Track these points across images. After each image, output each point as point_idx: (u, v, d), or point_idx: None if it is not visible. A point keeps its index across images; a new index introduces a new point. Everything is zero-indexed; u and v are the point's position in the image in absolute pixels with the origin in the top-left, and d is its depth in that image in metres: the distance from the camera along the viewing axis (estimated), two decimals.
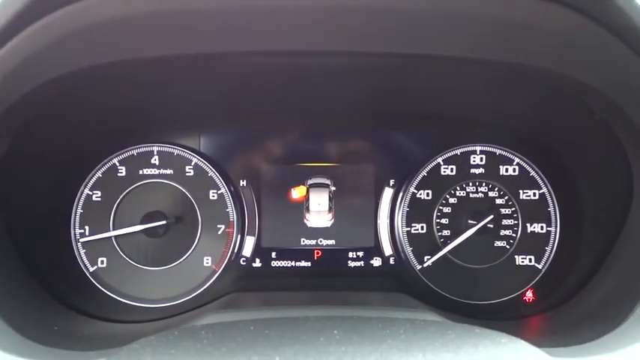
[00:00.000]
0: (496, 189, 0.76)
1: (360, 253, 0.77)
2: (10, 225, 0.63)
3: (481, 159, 0.76)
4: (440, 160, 0.76)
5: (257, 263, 0.77)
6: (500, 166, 0.76)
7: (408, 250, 0.76)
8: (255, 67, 0.60)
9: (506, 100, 0.69)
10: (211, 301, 0.74)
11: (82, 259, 0.75)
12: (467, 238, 0.75)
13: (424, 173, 0.76)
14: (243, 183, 0.76)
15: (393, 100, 0.72)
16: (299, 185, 0.77)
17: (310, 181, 0.77)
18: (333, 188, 0.77)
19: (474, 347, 0.38)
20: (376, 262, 0.77)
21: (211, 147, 0.76)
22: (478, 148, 0.76)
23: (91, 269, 0.75)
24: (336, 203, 0.77)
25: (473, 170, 0.76)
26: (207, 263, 0.76)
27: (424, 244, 0.76)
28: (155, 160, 0.75)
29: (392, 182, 0.77)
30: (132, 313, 0.74)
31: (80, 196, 0.75)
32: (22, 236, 0.65)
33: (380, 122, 0.77)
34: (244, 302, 0.71)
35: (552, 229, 0.75)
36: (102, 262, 0.75)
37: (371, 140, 0.77)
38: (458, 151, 0.76)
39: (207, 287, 0.76)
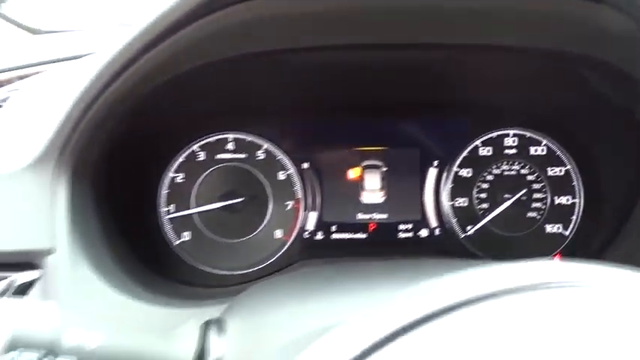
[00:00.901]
0: (527, 167, 0.87)
1: (409, 226, 0.88)
2: (112, 204, 0.73)
3: (514, 141, 0.88)
4: (478, 142, 0.87)
5: (319, 236, 0.87)
6: (531, 147, 0.87)
7: (453, 221, 0.87)
8: (342, 62, 0.71)
9: (537, 89, 0.80)
10: (281, 269, 0.85)
11: (168, 234, 0.85)
12: (503, 210, 0.86)
13: (465, 154, 0.87)
14: (306, 165, 0.87)
15: (439, 89, 0.83)
16: (355, 167, 0.88)
17: (365, 163, 0.88)
18: (385, 169, 0.88)
19: None
20: (423, 233, 0.88)
21: (280, 134, 0.86)
22: (511, 132, 0.87)
23: (176, 242, 0.85)
24: (387, 182, 0.88)
25: (507, 151, 0.87)
26: (278, 236, 0.86)
27: (466, 216, 0.87)
28: (230, 145, 0.86)
29: (436, 163, 0.88)
30: (212, 279, 0.84)
31: (165, 179, 0.85)
32: (120, 214, 0.74)
33: (425, 110, 0.88)
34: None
35: (577, 200, 0.87)
36: (186, 235, 0.85)
37: (417, 127, 0.88)
38: (494, 134, 0.87)
39: (277, 257, 0.86)
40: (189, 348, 0.45)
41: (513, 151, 0.87)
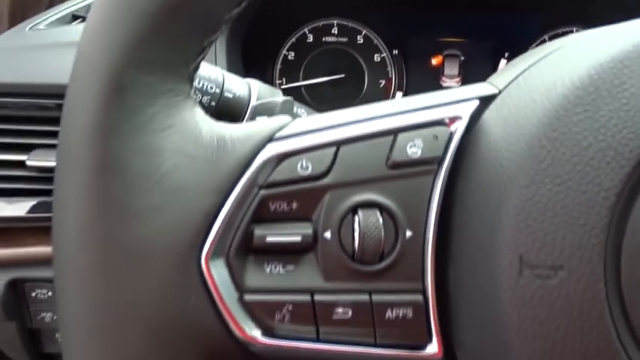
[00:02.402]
0: None
1: None
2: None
3: None
4: (546, 37, 1.03)
5: None
6: None
7: None
8: None
9: None
10: None
11: None
12: None
13: (533, 46, 1.03)
14: (396, 51, 1.03)
15: None
16: (437, 55, 1.04)
17: (445, 52, 1.04)
18: (462, 58, 1.04)
19: None
20: None
21: (377, 22, 1.02)
22: (574, 28, 1.02)
23: None
24: (464, 69, 1.04)
25: None
26: None
27: None
28: (334, 30, 1.02)
29: (507, 55, 1.03)
30: None
31: (279, 56, 1.02)
32: None
33: (500, 7, 1.03)
34: None
35: None
36: None
37: (490, 21, 1.04)
38: (559, 30, 1.03)
39: None
40: None
41: None
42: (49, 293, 0.74)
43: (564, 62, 0.33)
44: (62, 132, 0.29)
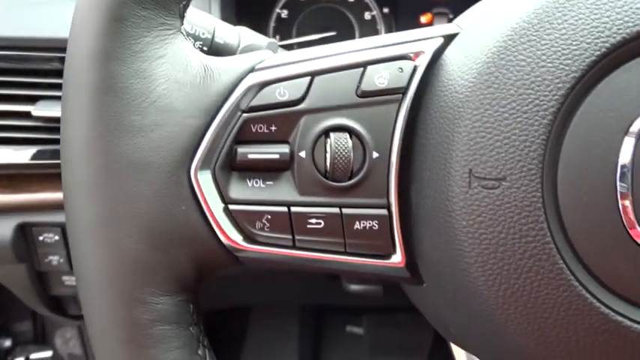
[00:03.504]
0: None
1: None
2: None
3: None
4: None
5: None
6: None
7: None
8: None
9: None
10: None
11: None
12: None
13: None
14: (387, 10, 1.06)
15: None
16: (426, 13, 1.07)
17: (435, 10, 1.06)
18: (451, 16, 1.06)
19: None
20: None
21: None
22: None
23: None
24: None
25: None
26: None
27: None
28: None
29: None
30: None
31: (273, 14, 1.05)
32: None
33: None
34: None
35: None
36: None
37: None
38: None
39: None
40: None
41: None
42: (56, 237, 0.79)
43: (518, 1, 0.36)
44: (68, 58, 0.34)
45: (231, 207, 0.36)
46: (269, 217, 0.36)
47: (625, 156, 0.33)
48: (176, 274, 0.35)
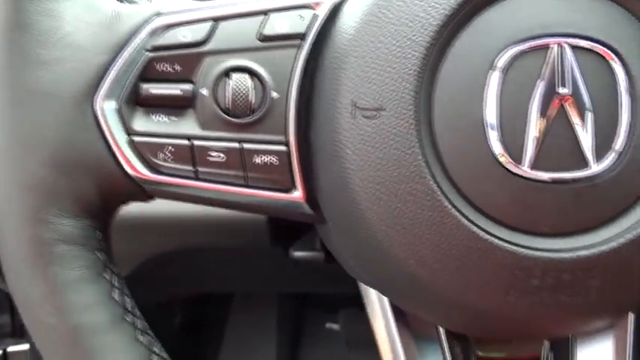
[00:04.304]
0: None
1: None
2: None
3: None
4: None
5: None
6: None
7: None
8: None
9: None
10: None
11: None
12: None
13: None
14: None
15: None
16: None
17: None
18: None
19: None
20: None
21: None
22: None
23: None
24: None
25: None
26: None
27: None
28: None
29: None
30: None
31: None
32: None
33: None
34: None
35: None
36: None
37: None
38: None
39: None
40: None
41: None
42: None
43: None
44: None
45: (135, 138, 0.38)
46: (171, 149, 0.39)
47: (491, 89, 0.35)
48: (81, 199, 0.38)
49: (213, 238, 0.70)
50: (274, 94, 0.39)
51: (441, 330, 0.44)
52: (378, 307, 0.45)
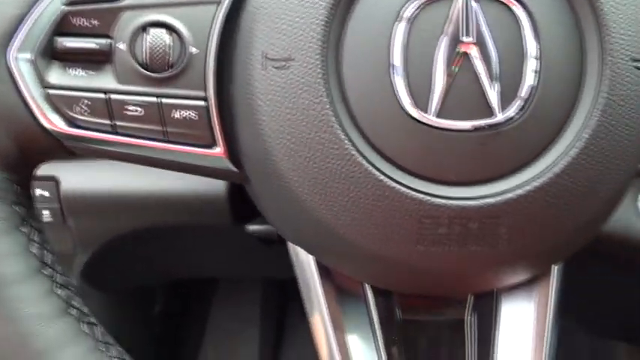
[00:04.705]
0: None
1: None
2: None
3: None
4: None
5: None
6: None
7: None
8: None
9: None
10: None
11: None
12: None
13: None
14: None
15: None
16: None
17: None
18: None
19: None
20: None
21: None
22: None
23: None
24: None
25: None
26: None
27: None
28: None
29: None
30: None
31: None
32: None
33: None
34: None
35: None
36: None
37: None
38: None
39: None
40: None
41: None
42: None
43: None
44: None
45: (50, 91, 0.39)
46: (88, 102, 0.39)
47: (398, 39, 0.35)
48: None
49: (172, 216, 0.70)
50: (193, 50, 0.39)
51: (367, 287, 0.45)
52: (305, 266, 0.45)
